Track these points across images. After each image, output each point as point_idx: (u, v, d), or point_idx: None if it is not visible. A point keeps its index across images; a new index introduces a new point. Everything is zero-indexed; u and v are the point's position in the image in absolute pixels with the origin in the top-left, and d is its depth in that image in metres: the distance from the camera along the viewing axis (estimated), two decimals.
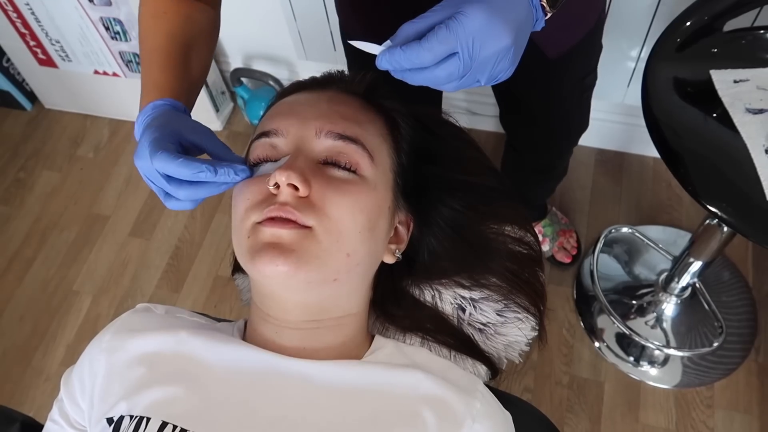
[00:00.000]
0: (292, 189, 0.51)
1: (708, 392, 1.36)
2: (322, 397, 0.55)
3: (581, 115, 1.14)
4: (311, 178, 0.52)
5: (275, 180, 0.51)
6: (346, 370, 0.56)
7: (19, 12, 1.67)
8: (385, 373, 0.56)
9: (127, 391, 0.56)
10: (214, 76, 1.79)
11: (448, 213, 0.63)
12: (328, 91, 0.60)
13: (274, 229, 0.51)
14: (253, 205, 0.53)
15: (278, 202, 0.51)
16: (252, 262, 0.51)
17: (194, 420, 0.53)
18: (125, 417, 0.54)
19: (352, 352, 0.59)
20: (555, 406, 1.37)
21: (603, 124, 1.64)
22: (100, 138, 1.94)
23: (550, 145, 1.21)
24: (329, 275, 0.53)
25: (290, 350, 0.57)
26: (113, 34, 1.64)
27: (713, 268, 1.45)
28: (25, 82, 1.97)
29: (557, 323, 1.47)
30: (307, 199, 0.52)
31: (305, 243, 0.51)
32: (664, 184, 1.64)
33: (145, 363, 0.58)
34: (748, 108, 0.88)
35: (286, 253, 0.50)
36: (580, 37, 0.93)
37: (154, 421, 0.53)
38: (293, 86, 0.63)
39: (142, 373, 0.57)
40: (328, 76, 0.63)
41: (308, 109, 0.57)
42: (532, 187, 1.41)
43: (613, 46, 1.36)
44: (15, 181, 1.87)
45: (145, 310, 0.65)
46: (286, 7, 1.50)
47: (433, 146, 0.65)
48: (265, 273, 0.51)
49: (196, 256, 1.66)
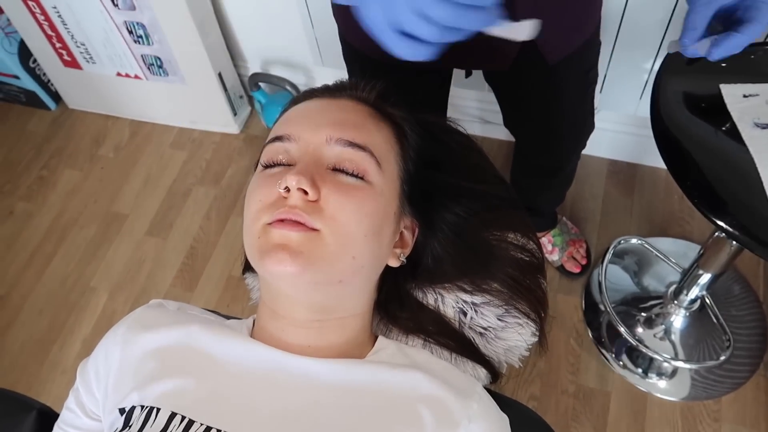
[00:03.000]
0: (302, 193, 0.54)
1: (715, 406, 1.36)
2: (324, 394, 0.56)
3: (585, 114, 1.15)
4: (320, 183, 0.54)
5: (286, 184, 0.53)
6: (348, 369, 0.58)
7: (46, 15, 1.72)
8: (386, 373, 0.58)
9: (139, 382, 0.58)
10: (232, 79, 1.83)
11: (453, 219, 0.64)
12: (339, 100, 0.62)
13: (283, 231, 0.53)
14: (265, 206, 0.55)
15: (288, 205, 0.54)
16: (262, 262, 0.54)
17: (202, 412, 0.55)
18: (136, 407, 0.56)
19: (356, 351, 0.61)
20: (560, 415, 1.38)
21: (616, 135, 1.64)
22: (121, 138, 1.99)
23: (556, 146, 1.22)
24: (335, 276, 0.55)
25: (295, 348, 0.59)
26: (136, 38, 1.68)
27: (724, 282, 1.44)
28: (50, 82, 2.03)
29: (565, 332, 1.48)
30: (316, 204, 0.54)
31: (313, 245, 0.53)
32: (677, 196, 1.64)
33: (156, 357, 0.60)
34: (756, 122, 0.89)
35: (294, 254, 0.52)
36: (585, 38, 0.94)
37: (163, 411, 0.55)
38: (306, 93, 0.66)
39: (153, 366, 0.59)
40: (340, 84, 0.66)
41: (320, 116, 0.59)
42: (541, 192, 1.41)
43: (627, 59, 1.37)
44: (38, 179, 1.93)
45: (158, 306, 0.67)
46: (304, 14, 1.53)
47: (439, 153, 0.67)
48: (274, 273, 0.53)
49: (210, 257, 1.69)
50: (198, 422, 0.54)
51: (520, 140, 1.26)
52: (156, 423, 0.54)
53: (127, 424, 0.56)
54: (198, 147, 1.93)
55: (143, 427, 0.54)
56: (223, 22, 1.71)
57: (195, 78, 1.77)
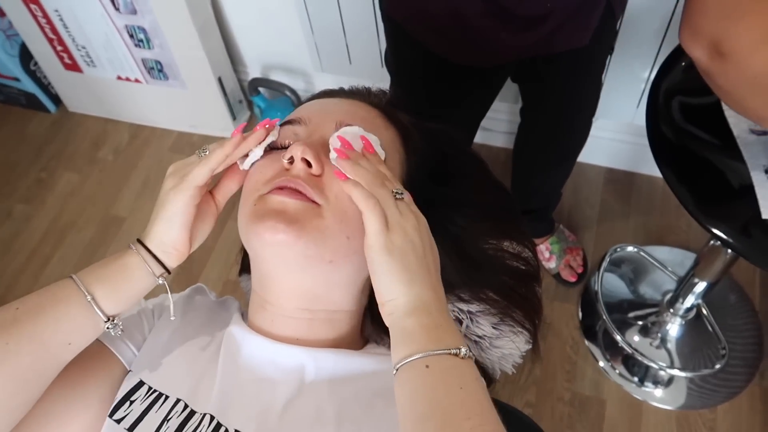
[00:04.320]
0: (306, 165, 0.54)
1: (711, 415, 1.36)
2: (315, 385, 0.57)
3: (595, 90, 1.21)
4: (324, 160, 0.55)
5: (290, 153, 0.54)
6: (338, 357, 0.58)
7: (48, 18, 1.73)
8: (378, 363, 0.59)
9: (153, 361, 0.60)
10: (232, 84, 1.84)
11: (453, 229, 0.64)
12: (352, 100, 0.64)
13: (281, 197, 0.53)
14: (266, 179, 0.56)
15: (291, 175, 0.54)
16: (254, 227, 0.53)
17: (204, 402, 0.56)
18: (144, 384, 0.58)
19: (345, 348, 0.61)
20: (556, 422, 1.37)
21: (612, 143, 1.65)
22: (120, 141, 1.99)
23: (579, 120, 1.25)
24: (326, 254, 0.54)
25: (285, 340, 0.59)
26: (137, 42, 1.69)
27: (720, 291, 1.45)
28: (50, 85, 2.03)
29: (561, 340, 1.48)
30: (319, 179, 0.54)
31: (310, 215, 0.53)
32: (673, 205, 1.64)
33: (176, 344, 0.62)
34: (752, 129, 0.89)
35: (289, 220, 0.52)
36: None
37: (170, 399, 0.57)
38: (321, 92, 0.68)
39: (172, 353, 0.61)
40: (354, 88, 0.68)
41: (332, 106, 0.62)
42: (543, 180, 1.43)
43: (624, 67, 1.38)
44: (36, 181, 1.93)
45: (201, 291, 0.70)
46: (304, 20, 1.54)
47: (442, 162, 0.67)
48: (264, 238, 0.53)
49: (207, 260, 1.69)
50: (199, 412, 0.55)
51: (540, 125, 1.28)
52: (161, 409, 0.55)
53: (130, 396, 0.57)
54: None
55: (149, 409, 0.56)
56: (223, 27, 1.72)
57: (195, 82, 1.77)
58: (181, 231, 0.55)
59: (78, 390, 0.56)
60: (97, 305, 0.52)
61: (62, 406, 0.55)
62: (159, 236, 0.55)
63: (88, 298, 0.52)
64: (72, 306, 0.52)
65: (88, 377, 0.57)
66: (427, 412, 0.46)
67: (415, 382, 0.47)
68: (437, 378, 0.47)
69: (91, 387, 0.57)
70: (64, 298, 0.52)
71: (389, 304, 0.51)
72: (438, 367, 0.47)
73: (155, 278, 0.55)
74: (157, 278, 0.55)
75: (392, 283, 0.51)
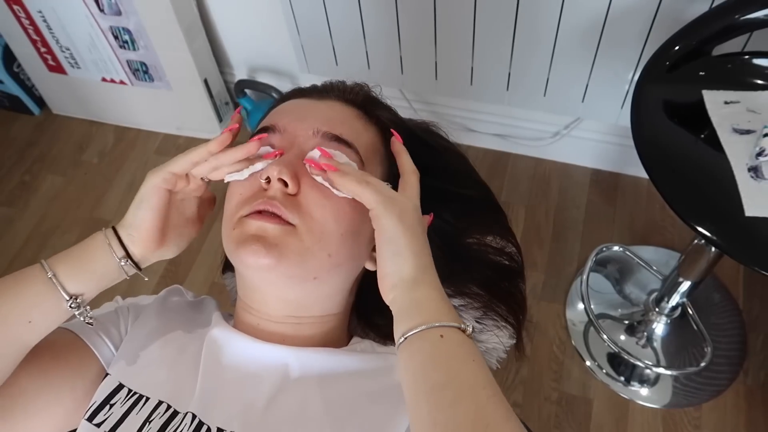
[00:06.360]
0: (282, 185, 0.54)
1: (696, 413, 1.37)
2: (300, 382, 0.56)
3: None
4: (302, 178, 0.55)
5: (267, 174, 0.54)
6: (322, 356, 0.58)
7: (31, 19, 1.71)
8: (362, 361, 0.59)
9: (130, 361, 0.60)
10: (218, 86, 1.83)
11: (439, 224, 0.64)
12: (327, 101, 0.63)
13: (260, 222, 0.53)
14: (244, 199, 0.56)
15: (267, 196, 0.54)
16: (236, 252, 0.54)
17: (186, 403, 0.55)
18: (124, 387, 0.57)
19: (330, 345, 0.61)
20: (543, 422, 1.38)
21: (598, 145, 1.66)
22: (105, 144, 1.98)
23: None
24: (309, 273, 0.55)
25: (270, 339, 0.59)
26: (122, 43, 1.68)
27: (704, 290, 1.46)
28: (34, 87, 2.01)
29: (548, 339, 1.48)
30: (295, 198, 0.54)
31: (288, 239, 0.53)
32: (658, 205, 1.66)
33: (155, 343, 0.61)
34: (735, 128, 0.90)
35: (269, 246, 0.52)
36: None
37: (152, 400, 0.56)
38: (294, 92, 0.67)
39: (152, 352, 0.60)
40: (328, 85, 0.66)
41: (307, 110, 0.60)
42: None
43: (608, 69, 1.39)
44: (20, 184, 1.91)
45: (177, 292, 0.70)
46: (290, 21, 1.54)
47: (423, 157, 0.67)
48: (247, 263, 0.53)
49: (194, 262, 1.68)
50: (182, 412, 0.55)
51: None
52: (142, 410, 0.55)
53: (109, 400, 0.56)
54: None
55: (129, 411, 0.55)
56: (209, 28, 1.71)
57: (181, 84, 1.76)
58: (147, 213, 0.55)
59: (50, 376, 0.55)
60: (58, 281, 0.52)
61: (32, 394, 0.54)
62: (128, 219, 0.56)
63: (49, 274, 0.52)
64: (33, 283, 0.52)
65: (60, 365, 0.57)
66: (443, 380, 0.46)
67: (428, 351, 0.47)
68: (452, 348, 0.47)
69: (63, 375, 0.56)
70: (28, 276, 0.53)
71: (394, 274, 0.51)
72: (452, 339, 0.48)
73: (117, 260, 0.55)
74: (119, 260, 0.55)
75: (405, 247, 0.51)
